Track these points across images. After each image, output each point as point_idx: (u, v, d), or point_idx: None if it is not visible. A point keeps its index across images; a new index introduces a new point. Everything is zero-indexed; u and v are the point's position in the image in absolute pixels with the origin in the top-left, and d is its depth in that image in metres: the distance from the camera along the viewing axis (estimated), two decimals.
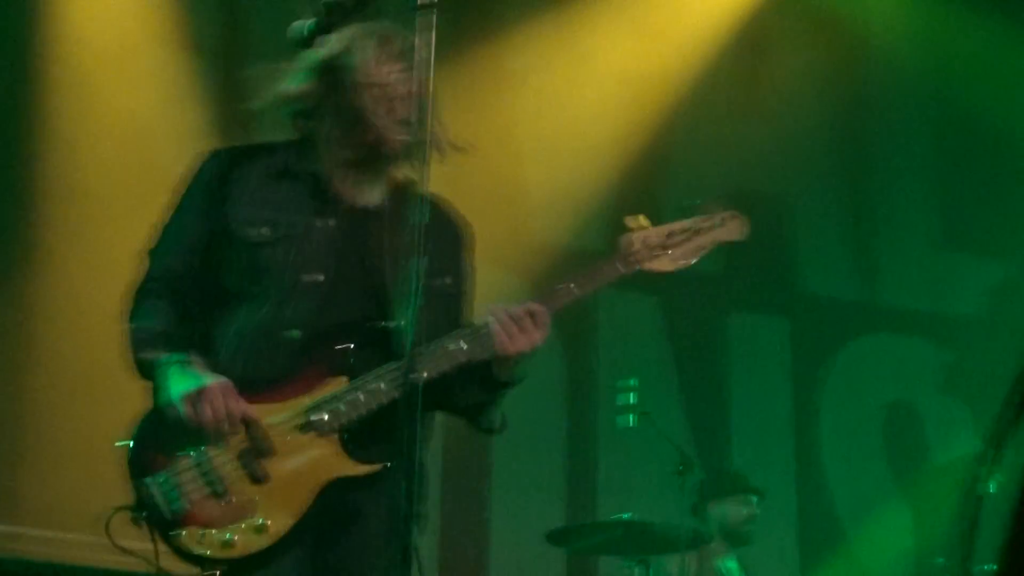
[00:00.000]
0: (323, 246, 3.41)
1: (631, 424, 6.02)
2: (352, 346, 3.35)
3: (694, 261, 3.58)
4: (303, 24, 3.51)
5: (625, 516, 5.88)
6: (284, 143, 3.55)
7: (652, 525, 5.81)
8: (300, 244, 3.40)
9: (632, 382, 5.62)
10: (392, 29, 3.45)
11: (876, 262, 8.60)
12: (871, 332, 8.51)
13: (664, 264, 3.54)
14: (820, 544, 7.83)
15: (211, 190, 3.46)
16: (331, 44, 3.45)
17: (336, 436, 3.31)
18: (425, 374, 2.97)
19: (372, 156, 3.46)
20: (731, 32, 8.23)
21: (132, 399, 3.40)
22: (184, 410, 3.22)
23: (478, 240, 7.06)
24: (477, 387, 3.44)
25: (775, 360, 8.29)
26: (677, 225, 3.59)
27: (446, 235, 3.62)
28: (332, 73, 3.43)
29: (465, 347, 3.34)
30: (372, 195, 3.51)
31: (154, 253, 3.50)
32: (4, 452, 6.24)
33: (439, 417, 3.61)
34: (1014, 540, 1.52)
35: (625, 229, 3.52)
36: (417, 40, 2.97)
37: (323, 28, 3.47)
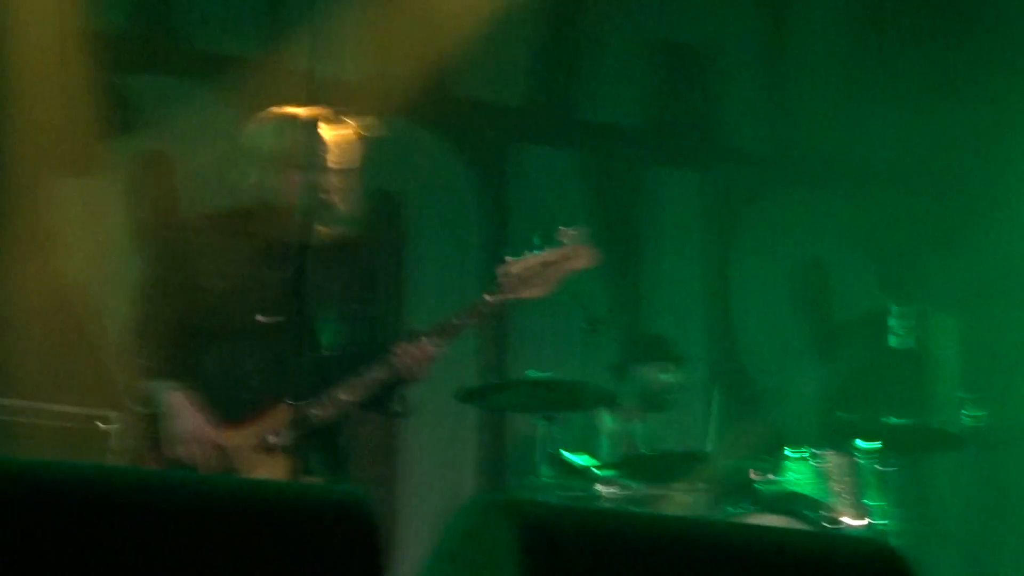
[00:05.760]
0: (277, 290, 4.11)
1: None
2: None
3: (550, 289, 4.41)
4: None
5: (529, 374, 5.87)
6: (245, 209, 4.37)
7: (556, 383, 5.79)
8: (259, 291, 4.22)
9: (535, 239, 5.48)
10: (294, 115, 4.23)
11: (791, 114, 8.47)
12: (785, 187, 8.42)
13: (527, 292, 4.39)
14: (731, 403, 7.80)
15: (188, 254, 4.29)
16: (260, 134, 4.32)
17: (286, 454, 4.01)
18: (345, 397, 4.23)
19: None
20: None
21: None
22: (168, 451, 4.16)
23: (403, 99, 7.00)
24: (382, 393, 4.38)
25: (689, 216, 8.21)
26: (534, 259, 4.41)
27: (360, 268, 4.51)
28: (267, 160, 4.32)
29: (375, 375, 4.28)
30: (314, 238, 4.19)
31: (150, 296, 4.34)
32: None
33: None
34: None
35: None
36: None
37: None
